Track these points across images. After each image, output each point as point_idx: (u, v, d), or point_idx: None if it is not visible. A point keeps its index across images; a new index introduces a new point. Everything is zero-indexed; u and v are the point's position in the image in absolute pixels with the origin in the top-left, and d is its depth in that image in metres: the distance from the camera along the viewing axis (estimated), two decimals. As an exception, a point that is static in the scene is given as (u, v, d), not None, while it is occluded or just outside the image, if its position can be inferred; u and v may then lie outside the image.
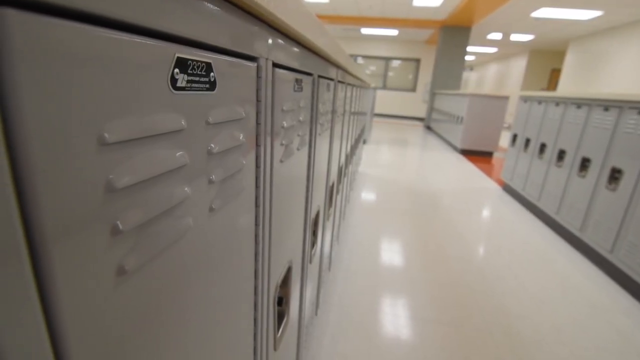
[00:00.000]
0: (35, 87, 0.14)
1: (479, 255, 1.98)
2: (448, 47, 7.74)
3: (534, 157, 2.74)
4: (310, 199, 0.79)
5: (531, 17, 6.48)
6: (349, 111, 1.62)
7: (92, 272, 0.17)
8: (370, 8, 7.06)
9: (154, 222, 0.21)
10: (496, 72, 12.78)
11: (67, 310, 0.16)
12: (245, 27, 0.33)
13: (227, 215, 0.33)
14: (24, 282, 0.14)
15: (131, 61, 0.18)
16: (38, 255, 0.15)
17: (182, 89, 0.23)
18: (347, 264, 1.77)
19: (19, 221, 0.14)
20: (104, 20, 0.17)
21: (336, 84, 1.04)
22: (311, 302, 1.05)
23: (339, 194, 1.54)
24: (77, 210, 0.16)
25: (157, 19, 0.20)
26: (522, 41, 8.97)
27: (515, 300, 1.55)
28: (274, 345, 0.59)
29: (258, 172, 0.41)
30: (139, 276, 0.21)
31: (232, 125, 0.32)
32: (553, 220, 2.43)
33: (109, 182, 0.18)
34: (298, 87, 0.56)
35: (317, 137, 0.79)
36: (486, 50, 10.99)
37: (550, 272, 1.85)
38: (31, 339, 0.15)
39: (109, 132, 0.17)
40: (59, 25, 0.15)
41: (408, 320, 1.37)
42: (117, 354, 0.20)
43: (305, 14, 0.48)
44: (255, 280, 0.45)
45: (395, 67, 10.92)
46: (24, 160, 0.14)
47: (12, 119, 0.13)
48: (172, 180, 0.23)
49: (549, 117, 2.59)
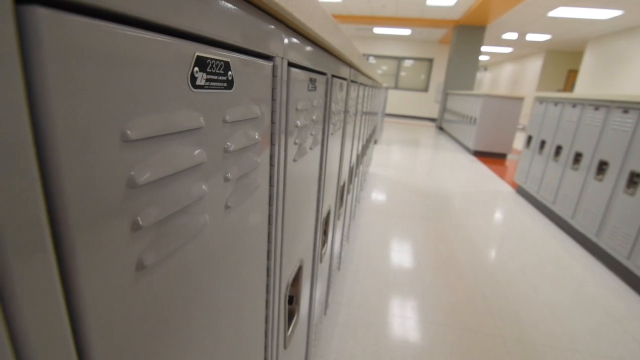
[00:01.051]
0: (62, 84, 0.14)
1: (491, 258, 1.95)
2: (462, 47, 7.64)
3: (549, 160, 2.69)
4: (321, 199, 0.79)
5: (548, 16, 6.35)
6: (360, 111, 1.61)
7: (113, 266, 0.18)
8: (383, 7, 7.02)
9: (172, 218, 0.22)
10: (511, 72, 12.56)
11: (88, 301, 0.16)
12: (262, 26, 0.34)
13: (242, 213, 0.33)
14: (48, 271, 0.15)
15: (154, 59, 0.19)
16: (62, 247, 0.15)
17: (201, 87, 0.23)
18: (356, 264, 1.77)
19: (45, 213, 0.14)
20: (128, 19, 0.17)
21: (349, 83, 1.04)
22: (320, 301, 1.05)
23: (349, 194, 1.54)
24: (100, 205, 0.16)
25: (179, 17, 0.21)
26: (538, 41, 8.80)
27: (528, 306, 1.53)
28: (284, 343, 0.59)
29: (272, 171, 0.41)
30: (157, 271, 0.21)
31: (248, 123, 0.32)
32: (568, 225, 2.38)
33: (131, 178, 0.18)
34: (312, 87, 0.56)
35: (329, 137, 0.79)
36: (501, 50, 10.81)
37: (564, 277, 1.81)
38: (54, 326, 0.15)
39: (131, 129, 0.17)
40: (85, 24, 0.15)
41: (417, 323, 1.36)
42: (135, 345, 0.20)
43: (321, 13, 0.48)
44: (267, 278, 0.45)
45: (408, 67, 10.83)
46: (51, 155, 0.14)
47: (41, 115, 0.14)
48: (190, 177, 0.23)
49: (566, 119, 2.53)
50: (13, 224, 0.13)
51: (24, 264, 0.13)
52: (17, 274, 0.13)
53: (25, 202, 0.13)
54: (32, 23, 0.13)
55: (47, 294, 0.15)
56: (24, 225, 0.13)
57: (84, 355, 0.17)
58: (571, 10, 5.84)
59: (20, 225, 0.13)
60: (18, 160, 0.13)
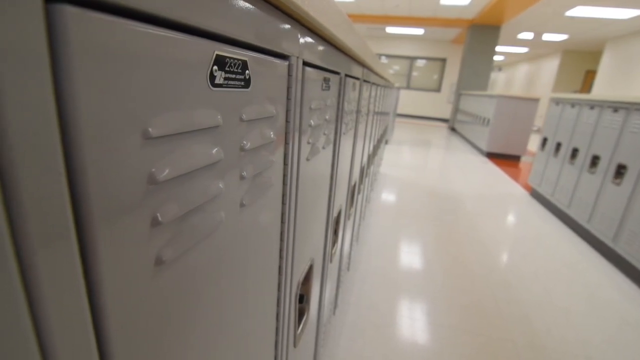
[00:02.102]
0: (88, 82, 0.14)
1: (503, 262, 1.92)
2: (476, 47, 7.54)
3: (565, 162, 2.63)
4: (333, 198, 0.79)
5: (565, 16, 6.21)
6: (372, 111, 1.61)
7: (134, 260, 0.18)
8: (396, 7, 6.97)
9: (190, 215, 0.22)
10: (526, 73, 12.33)
11: (109, 292, 0.17)
12: (279, 25, 0.34)
13: (256, 211, 0.34)
14: (71, 261, 0.15)
15: (176, 58, 0.19)
16: (85, 239, 0.15)
17: (220, 86, 0.24)
18: (366, 264, 1.76)
19: (70, 206, 0.15)
20: (152, 17, 0.18)
21: (361, 83, 1.03)
22: (330, 301, 1.05)
23: (360, 194, 1.53)
24: (122, 200, 0.17)
25: (200, 16, 0.21)
26: (555, 41, 8.61)
27: (540, 310, 1.50)
28: (294, 342, 0.59)
29: (286, 170, 0.41)
30: (174, 268, 0.22)
31: (264, 122, 0.32)
32: (584, 229, 2.32)
33: (151, 175, 0.18)
34: (326, 86, 0.56)
35: (341, 137, 0.79)
36: (516, 50, 10.61)
37: (579, 282, 1.77)
38: (75, 314, 0.15)
39: (153, 127, 0.18)
40: (111, 22, 0.15)
41: (427, 325, 1.35)
42: (151, 337, 0.20)
43: (336, 12, 0.48)
44: (279, 276, 0.45)
45: (420, 67, 10.73)
46: (76, 151, 0.14)
47: (68, 112, 0.14)
48: (208, 175, 0.23)
49: (583, 121, 2.47)
50: (39, 214, 0.13)
51: (48, 252, 0.14)
52: (41, 262, 0.13)
53: (51, 195, 0.14)
54: (60, 21, 0.13)
55: (69, 282, 0.15)
56: (50, 216, 0.14)
57: (103, 344, 0.17)
58: (590, 9, 5.70)
59: (46, 217, 0.14)
60: (45, 155, 0.13)
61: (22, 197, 0.13)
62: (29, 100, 0.12)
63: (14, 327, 0.13)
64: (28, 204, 0.13)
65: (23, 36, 0.12)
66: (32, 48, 0.12)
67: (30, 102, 0.13)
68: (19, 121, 0.12)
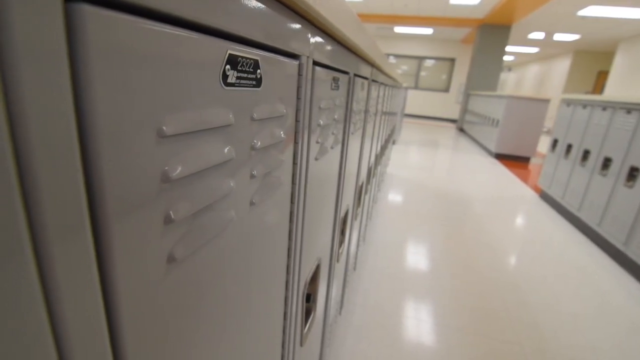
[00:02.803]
0: (105, 80, 0.15)
1: (512, 264, 1.90)
2: (485, 47, 7.46)
3: (576, 164, 2.59)
4: (340, 198, 0.79)
5: (577, 15, 6.11)
6: (380, 111, 1.60)
7: (147, 257, 0.18)
8: (405, 6, 6.93)
9: (201, 213, 0.22)
10: (536, 73, 12.17)
11: (122, 287, 0.17)
12: (290, 24, 0.34)
13: (266, 210, 0.34)
14: (86, 254, 0.15)
15: (190, 57, 0.19)
16: (100, 234, 0.16)
17: (232, 85, 0.24)
18: (372, 265, 1.76)
19: (86, 202, 0.15)
20: (167, 17, 0.18)
21: (370, 82, 1.03)
22: (336, 300, 1.05)
23: (367, 194, 1.53)
24: (137, 197, 0.17)
25: (213, 15, 0.21)
26: (566, 41, 8.48)
27: (549, 314, 1.48)
28: (301, 340, 0.59)
29: (295, 169, 0.41)
30: (185, 265, 0.22)
31: (274, 121, 0.33)
32: (595, 232, 2.29)
33: (165, 173, 0.18)
34: (335, 86, 0.56)
35: (349, 136, 0.79)
36: (527, 50, 10.48)
37: (588, 286, 1.74)
38: (89, 306, 0.16)
39: (167, 125, 0.18)
40: (128, 21, 0.15)
41: (433, 327, 1.34)
42: (162, 333, 0.21)
43: (347, 12, 0.48)
44: (287, 275, 0.45)
45: (429, 67, 10.66)
46: (93, 149, 0.15)
47: (85, 110, 0.14)
48: (219, 173, 0.24)
49: (594, 122, 2.43)
50: (56, 208, 0.13)
51: (64, 245, 0.14)
52: (57, 253, 0.14)
53: (68, 190, 0.14)
54: (79, 20, 0.14)
55: (84, 274, 0.15)
56: (66, 211, 0.14)
57: (116, 335, 0.17)
58: (603, 9, 5.60)
59: (63, 211, 0.14)
60: (63, 152, 0.13)
61: (41, 191, 0.13)
62: (49, 100, 0.13)
63: (30, 315, 0.13)
64: (46, 198, 0.13)
65: (43, 35, 0.12)
66: (51, 47, 0.13)
67: (49, 101, 0.13)
68: (39, 120, 0.12)
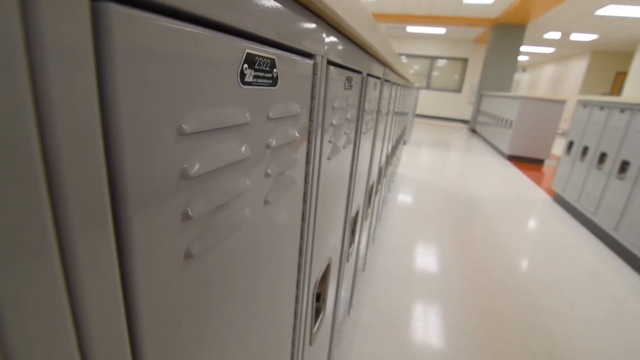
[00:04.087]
0: (129, 79, 0.15)
1: (523, 268, 1.87)
2: (499, 47, 7.34)
3: (592, 167, 2.53)
4: (351, 198, 0.79)
5: (595, 15, 5.97)
6: (392, 111, 1.59)
7: (165, 252, 0.18)
8: (418, 5, 6.87)
9: (218, 211, 0.22)
10: (552, 74, 11.93)
11: (141, 281, 0.17)
12: (306, 23, 0.34)
13: (279, 209, 0.34)
14: (107, 245, 0.15)
15: (210, 56, 0.19)
16: (122, 226, 0.16)
17: (249, 84, 0.24)
18: (381, 266, 1.75)
19: (108, 196, 0.15)
20: (188, 15, 0.18)
21: (382, 82, 1.02)
22: (345, 301, 1.05)
23: (377, 195, 1.52)
24: (157, 193, 0.17)
25: (233, 15, 0.21)
26: (583, 41, 8.29)
27: (561, 320, 1.45)
28: (310, 339, 0.59)
29: (308, 168, 0.41)
30: (200, 262, 0.22)
31: (289, 120, 0.33)
32: (610, 237, 2.23)
33: (184, 170, 0.19)
34: (348, 85, 0.56)
35: (361, 136, 0.78)
36: (542, 50, 10.28)
37: (603, 292, 1.70)
38: (108, 295, 0.16)
39: (187, 123, 0.18)
40: (151, 20, 0.16)
41: (441, 329, 1.33)
42: (177, 328, 0.21)
43: (361, 11, 0.47)
44: (298, 274, 0.45)
45: (441, 67, 10.55)
46: (116, 146, 0.15)
47: (109, 108, 0.14)
48: (235, 171, 0.24)
49: (612, 125, 2.37)
50: (80, 202, 0.14)
51: (86, 236, 0.14)
52: (80, 244, 0.14)
53: (92, 185, 0.14)
54: (105, 18, 0.14)
55: (105, 265, 0.15)
56: (90, 205, 0.14)
57: (134, 327, 0.17)
58: (622, 8, 5.46)
59: (86, 204, 0.14)
60: (88, 149, 0.14)
61: (66, 186, 0.13)
62: (75, 98, 0.13)
63: (54, 302, 0.13)
64: (70, 192, 0.13)
65: (70, 34, 0.13)
66: (78, 46, 0.13)
67: (76, 99, 0.13)
68: (65, 118, 0.13)
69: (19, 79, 0.11)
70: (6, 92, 0.11)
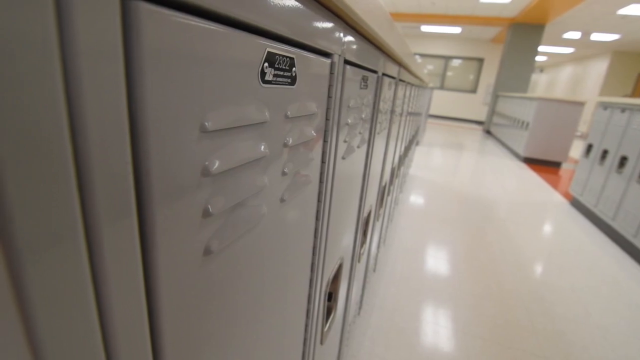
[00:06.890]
0: (156, 76, 0.15)
1: (538, 273, 1.83)
2: (517, 47, 7.20)
3: (612, 171, 2.46)
4: (364, 198, 0.79)
5: (617, 14, 5.79)
6: (406, 111, 1.58)
7: (186, 248, 0.19)
8: (433, 5, 6.79)
9: (236, 208, 0.23)
10: (571, 74, 11.63)
11: (162, 274, 0.17)
12: (324, 22, 0.34)
13: (294, 207, 0.34)
14: (131, 237, 0.16)
15: (232, 54, 0.19)
16: (145, 220, 0.16)
17: (269, 82, 0.24)
18: (392, 267, 1.74)
19: (133, 190, 0.15)
20: (211, 14, 0.18)
21: (397, 82, 1.02)
22: (355, 301, 1.05)
23: (389, 196, 1.51)
24: (180, 189, 0.17)
25: (254, 13, 0.21)
26: (604, 41, 8.06)
27: (577, 327, 1.42)
28: (321, 339, 0.60)
29: (323, 167, 0.41)
30: (218, 258, 0.22)
31: (306, 119, 0.33)
32: (630, 243, 2.16)
33: (205, 167, 0.19)
34: (364, 85, 0.56)
35: (375, 136, 0.78)
36: (561, 50, 10.03)
37: (622, 300, 1.66)
38: (131, 288, 0.16)
39: (209, 121, 0.18)
40: (179, 19, 0.16)
41: (452, 333, 1.31)
42: (195, 323, 0.21)
43: (379, 10, 0.47)
44: (311, 273, 0.45)
45: (455, 67, 10.41)
46: (142, 143, 0.15)
47: (137, 106, 0.15)
48: (254, 169, 0.24)
49: (634, 127, 2.30)
50: (107, 196, 0.14)
51: (112, 228, 0.14)
52: (106, 236, 0.14)
53: (118, 180, 0.14)
54: (135, 17, 0.14)
55: (129, 257, 0.16)
56: (116, 198, 0.14)
57: (155, 321, 0.18)
58: (647, 7, 5.29)
59: (113, 198, 0.14)
60: (115, 145, 0.14)
61: (94, 180, 0.13)
62: (105, 95, 0.13)
63: (79, 290, 0.14)
64: (98, 186, 0.14)
65: (102, 32, 0.13)
66: (109, 44, 0.13)
67: (105, 96, 0.13)
68: (95, 115, 0.13)
69: (54, 77, 0.11)
70: (41, 91, 0.11)
